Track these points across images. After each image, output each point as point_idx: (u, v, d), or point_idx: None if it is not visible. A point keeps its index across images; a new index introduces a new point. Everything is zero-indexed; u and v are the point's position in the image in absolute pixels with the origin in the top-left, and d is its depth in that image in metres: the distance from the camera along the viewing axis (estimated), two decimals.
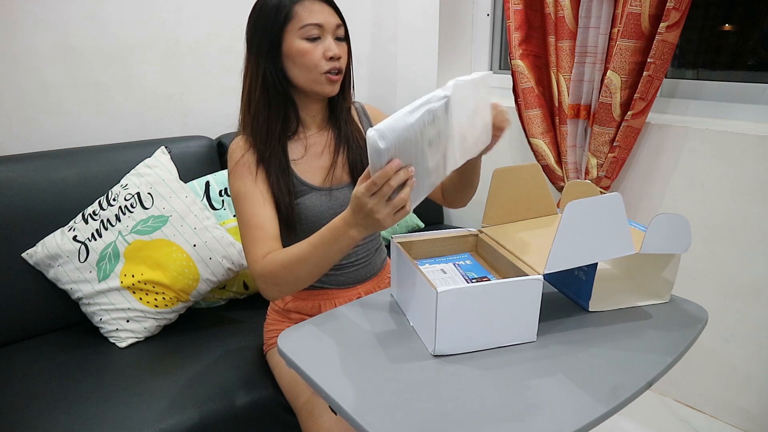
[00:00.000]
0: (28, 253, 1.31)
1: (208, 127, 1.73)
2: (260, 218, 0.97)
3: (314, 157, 1.07)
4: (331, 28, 0.98)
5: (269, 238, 0.96)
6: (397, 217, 0.75)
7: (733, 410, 1.51)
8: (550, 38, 1.60)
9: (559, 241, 0.75)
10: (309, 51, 0.97)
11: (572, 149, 1.60)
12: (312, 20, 0.96)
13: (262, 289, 0.94)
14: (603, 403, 0.67)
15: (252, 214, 0.97)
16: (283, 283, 0.92)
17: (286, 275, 0.90)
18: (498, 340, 0.79)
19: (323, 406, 0.97)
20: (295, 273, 0.89)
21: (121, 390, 1.11)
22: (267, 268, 0.91)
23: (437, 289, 0.72)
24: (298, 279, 0.90)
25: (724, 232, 1.43)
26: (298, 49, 0.97)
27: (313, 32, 0.96)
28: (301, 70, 0.99)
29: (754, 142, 1.34)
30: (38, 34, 1.46)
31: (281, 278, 0.91)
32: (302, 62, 0.98)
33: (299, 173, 1.05)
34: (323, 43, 0.98)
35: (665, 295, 0.91)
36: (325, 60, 0.98)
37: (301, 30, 0.96)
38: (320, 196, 1.05)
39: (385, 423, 0.64)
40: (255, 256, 0.94)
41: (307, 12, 0.96)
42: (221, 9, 1.74)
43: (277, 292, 0.94)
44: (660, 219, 0.79)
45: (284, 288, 0.93)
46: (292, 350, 0.79)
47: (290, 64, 0.99)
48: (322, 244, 0.85)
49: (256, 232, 0.96)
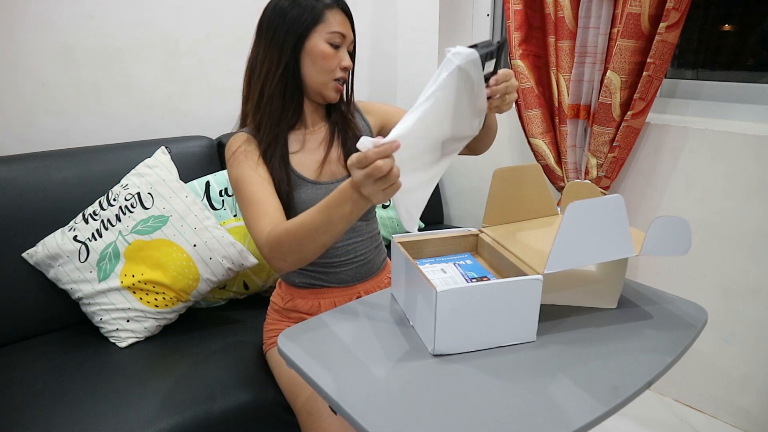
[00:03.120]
0: (29, 253, 1.31)
1: (208, 127, 1.73)
2: (261, 194, 0.98)
3: (310, 151, 1.10)
4: (348, 42, 1.06)
5: (273, 211, 0.97)
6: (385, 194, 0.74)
7: (732, 410, 1.51)
8: (550, 38, 1.60)
9: (559, 241, 0.75)
10: (331, 55, 1.03)
11: (572, 149, 1.61)
12: (339, 29, 1.02)
13: (268, 259, 0.93)
14: (603, 403, 0.67)
15: (252, 192, 0.99)
16: (287, 251, 0.90)
17: (291, 242, 0.89)
18: (498, 340, 0.79)
19: (323, 406, 0.97)
20: (299, 239, 0.88)
21: (121, 390, 1.11)
22: (272, 237, 0.91)
23: (437, 289, 0.72)
24: (302, 246, 0.89)
25: (723, 232, 1.43)
26: (322, 51, 1.02)
27: (337, 40, 1.03)
28: (317, 71, 1.04)
29: (753, 142, 1.34)
30: (38, 34, 1.46)
31: (285, 246, 0.90)
32: (322, 64, 1.03)
33: (294, 165, 1.07)
34: (341, 53, 1.04)
35: (613, 302, 0.91)
36: (340, 69, 1.05)
37: (329, 35, 1.02)
38: (315, 190, 1.07)
39: (385, 423, 0.64)
40: (260, 228, 0.94)
41: (336, 20, 1.02)
42: (221, 9, 1.74)
43: (282, 261, 0.92)
44: (660, 221, 0.79)
45: (289, 257, 0.91)
46: (292, 350, 0.79)
47: (308, 62, 1.03)
48: (327, 207, 0.83)
49: (258, 206, 0.97)
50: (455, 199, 2.19)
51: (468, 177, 2.07)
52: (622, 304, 0.91)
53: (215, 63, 1.77)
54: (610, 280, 0.91)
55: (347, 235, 1.12)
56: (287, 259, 0.92)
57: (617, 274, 0.90)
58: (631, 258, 0.87)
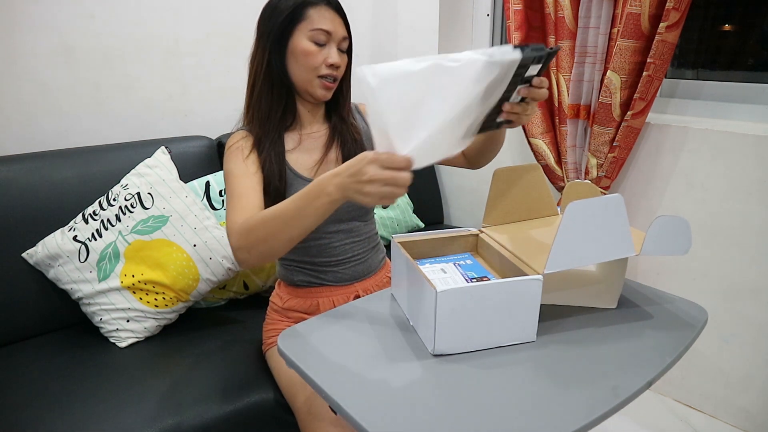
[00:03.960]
0: (28, 253, 1.31)
1: (208, 127, 1.73)
2: (244, 188, 0.98)
3: (307, 151, 1.10)
4: (338, 39, 1.03)
5: (251, 206, 0.95)
6: (383, 201, 0.75)
7: (733, 410, 1.51)
8: (550, 38, 1.60)
9: (559, 241, 0.75)
10: (313, 53, 1.01)
11: (572, 149, 1.61)
12: (322, 26, 1.01)
13: (234, 249, 0.91)
14: (603, 403, 0.67)
15: (236, 185, 0.99)
16: (254, 242, 0.88)
17: (258, 232, 0.87)
18: (497, 340, 0.79)
19: (322, 406, 0.97)
20: (267, 229, 0.86)
21: (121, 390, 1.11)
22: (243, 226, 0.89)
23: (437, 289, 0.72)
24: (269, 236, 0.87)
25: (723, 232, 1.43)
26: (303, 49, 1.01)
27: (321, 38, 1.01)
28: (300, 69, 1.03)
29: (753, 142, 1.34)
30: (38, 34, 1.46)
31: (253, 235, 0.88)
32: (304, 62, 1.02)
33: (291, 163, 1.07)
34: (327, 50, 1.02)
35: (613, 302, 0.91)
36: (325, 66, 1.02)
37: (311, 32, 1.01)
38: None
39: (385, 423, 0.64)
40: (234, 218, 0.93)
41: (320, 17, 1.01)
42: (221, 9, 1.74)
43: (247, 252, 0.90)
44: (660, 221, 0.79)
45: (254, 249, 0.89)
46: (292, 350, 0.79)
47: (292, 60, 1.03)
48: (300, 198, 0.83)
49: (239, 200, 0.96)
50: (455, 199, 2.19)
51: (468, 177, 2.07)
52: (622, 305, 0.91)
53: (215, 63, 1.77)
54: (609, 280, 0.91)
55: (344, 235, 1.12)
56: (252, 251, 0.89)
57: (617, 274, 0.90)
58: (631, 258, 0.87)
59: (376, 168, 0.72)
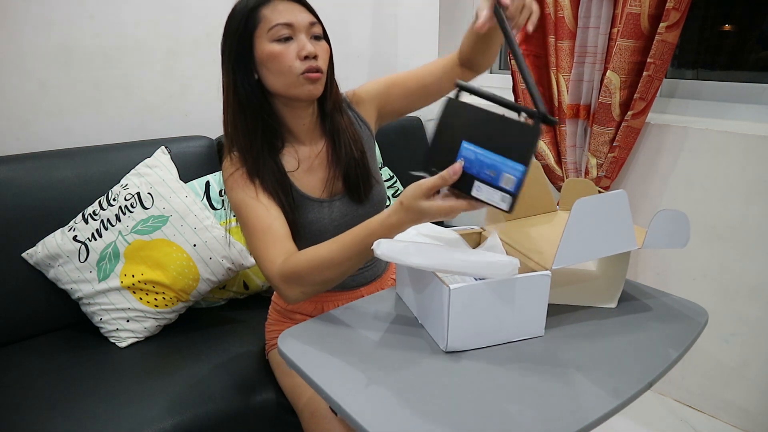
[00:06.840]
0: (28, 253, 1.31)
1: (208, 127, 1.73)
2: (266, 220, 0.93)
3: (311, 170, 1.03)
4: (304, 27, 0.92)
5: (281, 238, 0.91)
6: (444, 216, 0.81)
7: (733, 410, 1.51)
8: (549, 38, 1.60)
9: (567, 237, 0.76)
10: (280, 53, 0.91)
11: (572, 149, 1.61)
12: (280, 20, 0.90)
13: (283, 291, 0.89)
14: (603, 403, 0.67)
15: (257, 217, 0.93)
16: (308, 284, 0.88)
17: (313, 276, 0.86)
18: (507, 336, 0.80)
19: (325, 407, 0.97)
20: (323, 274, 0.86)
21: (121, 390, 1.11)
22: (290, 269, 0.87)
23: (450, 286, 0.73)
24: (326, 280, 0.87)
25: (723, 232, 1.43)
26: (269, 53, 0.91)
27: (283, 32, 0.91)
28: (276, 76, 0.93)
29: (753, 142, 1.34)
30: (38, 34, 1.46)
31: (306, 279, 0.87)
32: (275, 66, 0.92)
33: (297, 185, 1.01)
34: (296, 42, 0.92)
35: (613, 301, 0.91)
36: (300, 60, 0.91)
37: (270, 32, 0.90)
38: (321, 209, 1.02)
39: (385, 423, 0.64)
40: (271, 258, 0.89)
41: (275, 12, 0.91)
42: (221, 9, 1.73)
43: (302, 293, 0.89)
44: (661, 215, 0.81)
45: (309, 289, 0.89)
46: (293, 351, 0.79)
47: (265, 71, 0.93)
48: (349, 248, 0.83)
49: (265, 235, 0.91)
50: None
51: None
52: (623, 304, 0.91)
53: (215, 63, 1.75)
54: (610, 279, 0.92)
55: None
56: (307, 290, 0.89)
57: (618, 274, 0.90)
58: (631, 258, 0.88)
59: (424, 200, 0.77)
